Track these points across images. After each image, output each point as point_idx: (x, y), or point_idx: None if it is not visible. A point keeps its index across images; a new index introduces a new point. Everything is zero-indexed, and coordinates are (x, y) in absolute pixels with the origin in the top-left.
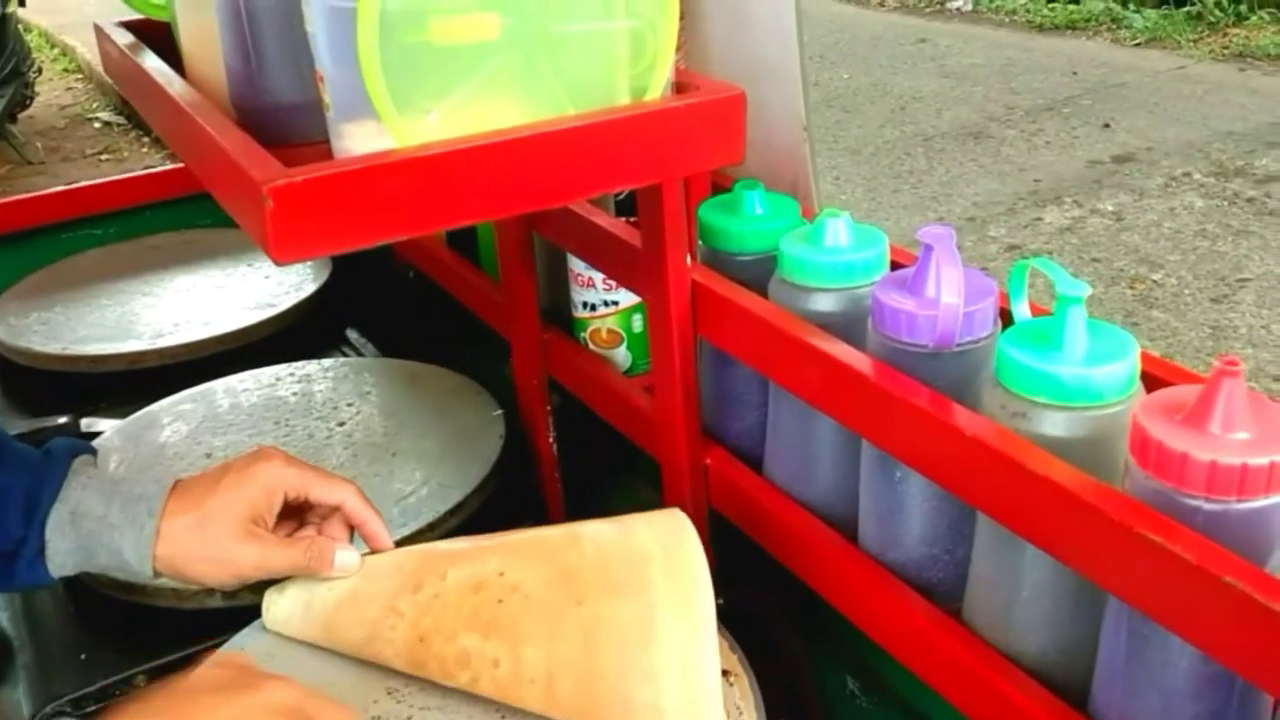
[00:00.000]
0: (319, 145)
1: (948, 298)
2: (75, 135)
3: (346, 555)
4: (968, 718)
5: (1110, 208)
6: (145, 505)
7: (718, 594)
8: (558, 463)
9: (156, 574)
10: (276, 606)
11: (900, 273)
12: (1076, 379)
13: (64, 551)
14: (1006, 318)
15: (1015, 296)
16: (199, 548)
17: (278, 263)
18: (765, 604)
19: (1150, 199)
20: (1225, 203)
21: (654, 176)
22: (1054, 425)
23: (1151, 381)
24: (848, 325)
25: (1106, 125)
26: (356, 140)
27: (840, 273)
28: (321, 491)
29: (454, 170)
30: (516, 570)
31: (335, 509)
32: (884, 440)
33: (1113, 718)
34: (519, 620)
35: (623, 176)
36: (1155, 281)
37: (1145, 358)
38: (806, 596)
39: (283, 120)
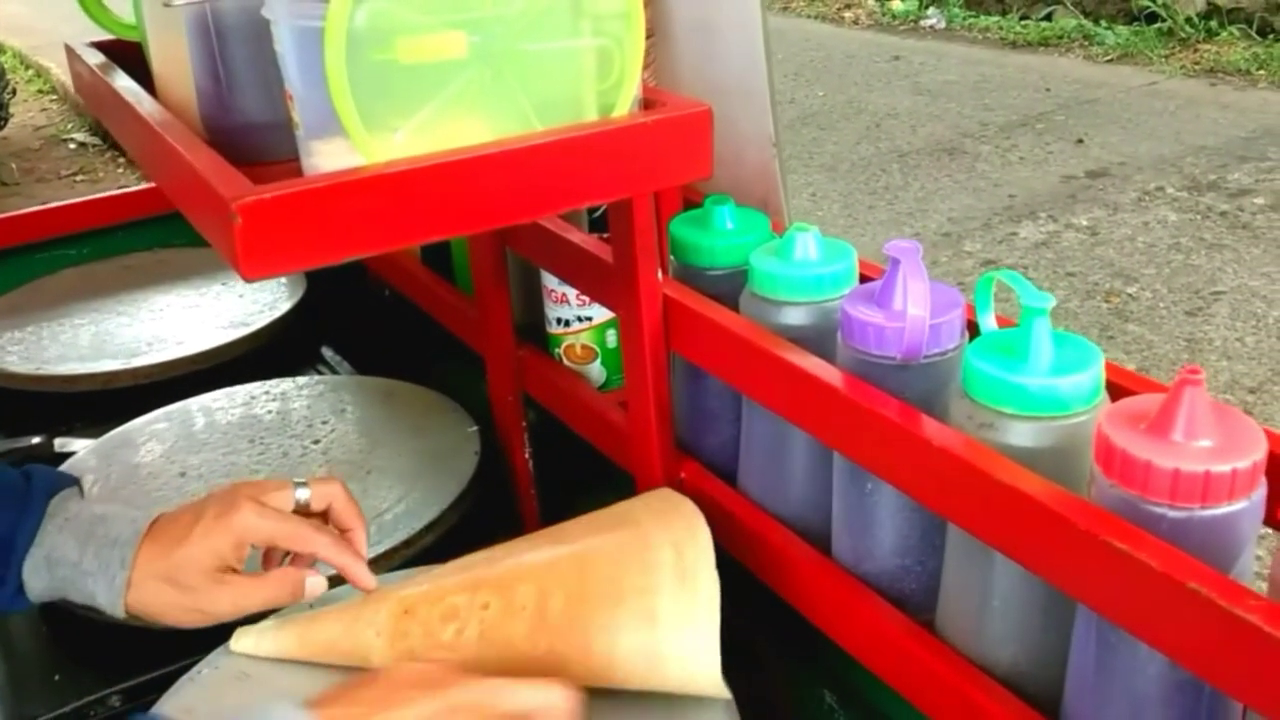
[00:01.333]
0: (289, 164)
1: (914, 310)
2: (50, 156)
3: (315, 580)
4: None
5: (1085, 222)
6: (118, 554)
7: None
8: (534, 479)
9: (131, 616)
10: (247, 634)
11: (868, 286)
12: (1042, 389)
13: (39, 590)
14: (975, 330)
15: (982, 309)
16: (170, 598)
17: (247, 279)
18: (741, 618)
19: (1124, 213)
20: (1198, 216)
21: (622, 192)
22: (1020, 435)
23: (1116, 391)
24: (818, 338)
25: (1080, 141)
26: (326, 158)
27: (810, 286)
28: (292, 544)
29: (422, 186)
30: (506, 554)
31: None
32: (854, 452)
33: None
34: (511, 572)
35: (591, 192)
36: (1130, 295)
37: (1110, 368)
38: (782, 610)
39: (253, 139)
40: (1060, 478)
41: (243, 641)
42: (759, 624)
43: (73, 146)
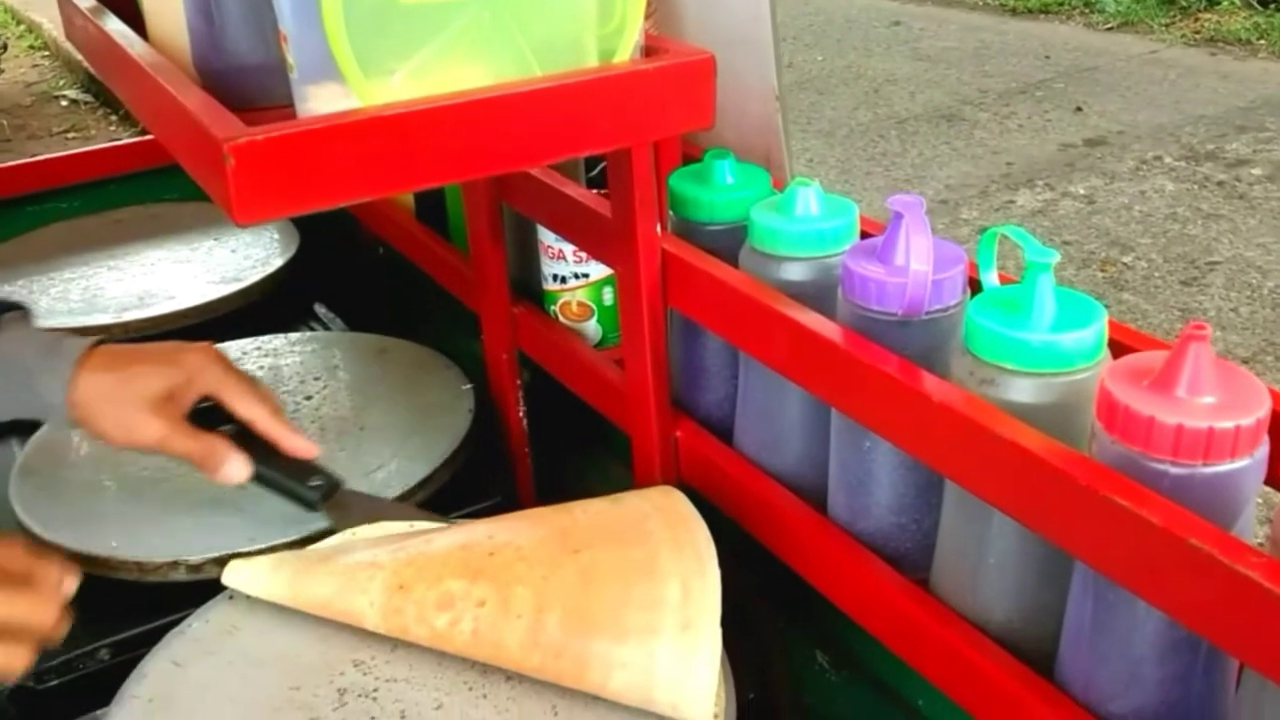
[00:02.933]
0: (283, 109)
1: (917, 265)
2: (41, 113)
3: (237, 467)
4: (935, 687)
5: (1082, 191)
6: (70, 351)
7: None
8: (528, 437)
9: (70, 422)
10: (240, 568)
11: (870, 241)
12: (1044, 345)
13: None
14: (976, 289)
15: (984, 266)
16: (111, 406)
17: (240, 224)
18: (735, 578)
19: (1121, 182)
20: (1196, 186)
21: (623, 140)
22: (1022, 391)
23: (1119, 349)
24: (818, 294)
25: (1079, 109)
26: (321, 103)
27: (810, 241)
28: (235, 401)
29: (418, 130)
30: (507, 533)
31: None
32: (852, 408)
33: (1079, 684)
34: (511, 566)
35: (590, 140)
36: (1126, 264)
37: (1113, 325)
38: (776, 571)
39: (246, 82)
40: (1061, 435)
41: (235, 574)
42: (751, 585)
43: (64, 103)
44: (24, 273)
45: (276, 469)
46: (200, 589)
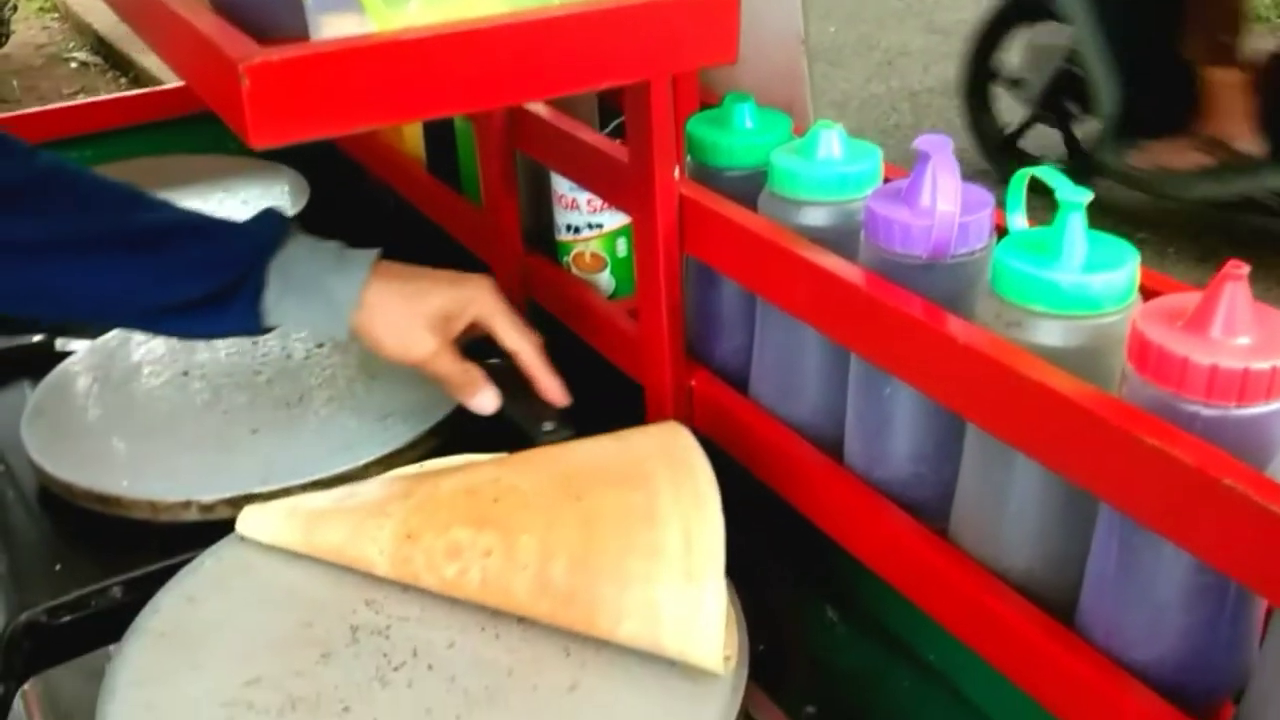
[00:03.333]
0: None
1: (944, 206)
2: (52, 74)
3: (489, 398)
4: (947, 641)
5: None
6: (359, 262)
7: None
8: None
9: (351, 331)
10: (253, 515)
11: (895, 183)
12: (1075, 286)
13: (279, 292)
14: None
15: (1013, 207)
16: (394, 316)
17: (255, 146)
18: (745, 532)
19: None
20: None
21: (643, 72)
22: (1050, 334)
23: (1150, 296)
24: (839, 241)
25: None
26: (335, 31)
27: (833, 185)
28: (505, 332)
29: (435, 56)
30: (512, 476)
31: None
32: (874, 353)
33: (1100, 631)
34: (515, 514)
35: (609, 71)
36: (1141, 239)
37: (1144, 272)
38: (786, 525)
39: (260, 13)
40: (1089, 381)
41: (249, 521)
42: (762, 539)
43: (74, 65)
44: None
45: (517, 409)
46: (212, 529)
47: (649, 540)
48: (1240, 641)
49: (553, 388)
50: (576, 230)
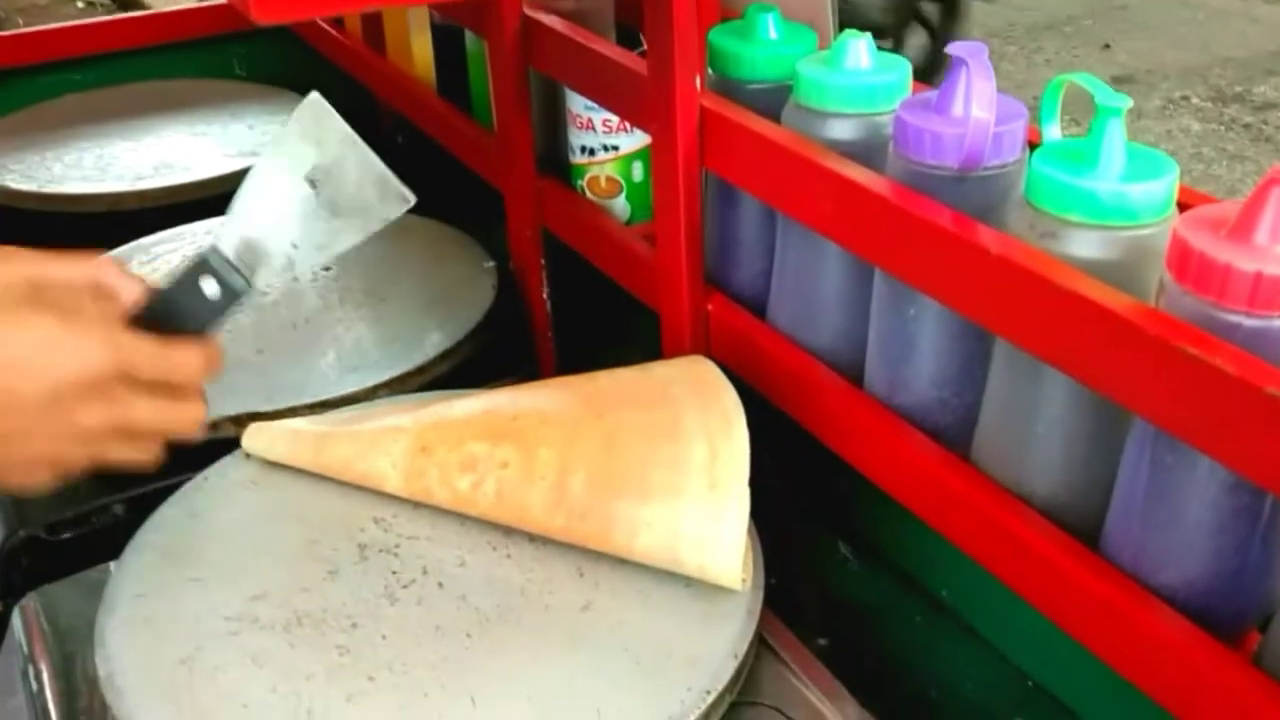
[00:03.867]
0: None
1: (979, 113)
2: (59, 14)
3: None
4: (966, 574)
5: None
6: None
7: None
8: (551, 320)
9: None
10: (259, 432)
11: (926, 93)
12: (1112, 196)
13: None
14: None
15: (1047, 117)
16: None
17: (259, 21)
18: (757, 464)
19: (1147, 120)
20: (1222, 127)
21: None
22: (1086, 245)
23: (1186, 210)
24: (867, 155)
25: (1106, 46)
26: None
27: (861, 96)
28: (60, 268)
29: None
30: (531, 399)
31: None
32: (902, 268)
33: (1127, 554)
34: (535, 429)
35: None
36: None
37: (1183, 189)
38: (798, 458)
39: None
40: (1125, 292)
41: (255, 440)
42: (774, 472)
43: (81, 5)
44: (36, 141)
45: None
46: (216, 448)
47: (672, 453)
48: (1270, 566)
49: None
50: (591, 152)
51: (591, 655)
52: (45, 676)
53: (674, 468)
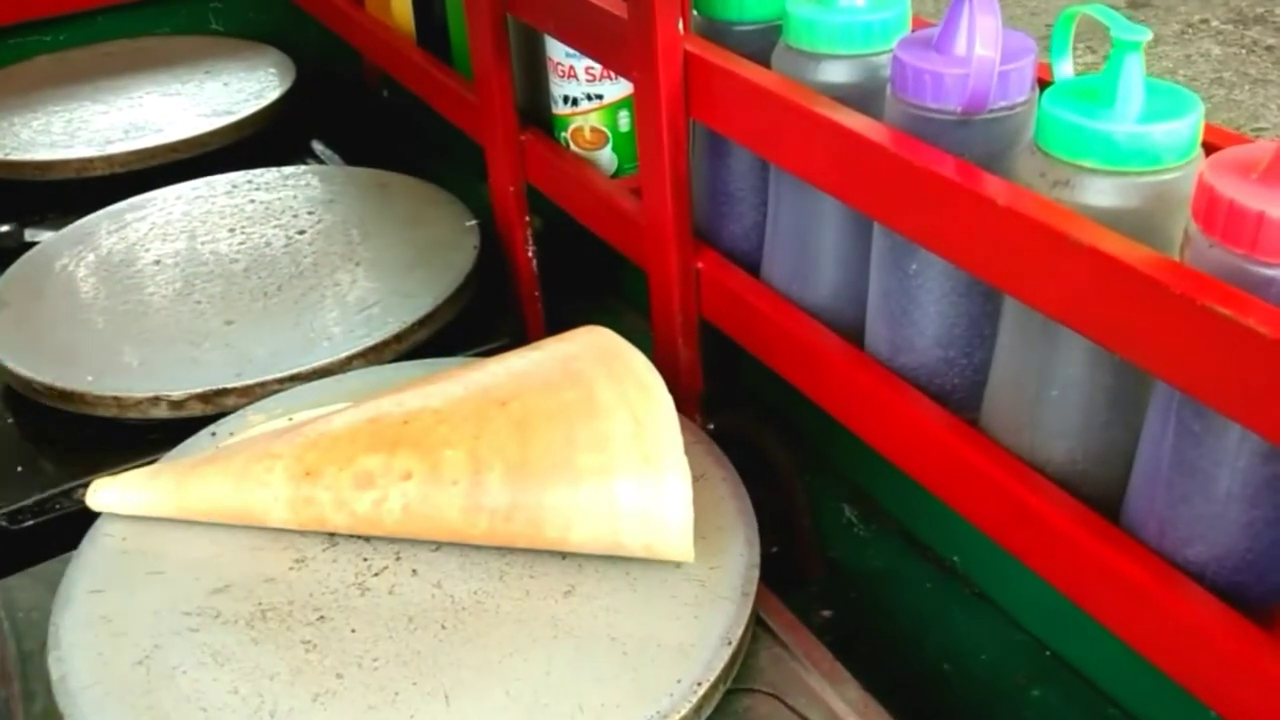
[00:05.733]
0: None
1: (982, 50)
2: None
3: None
4: (978, 540)
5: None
6: None
7: (706, 418)
8: (538, 280)
9: None
10: (108, 487)
11: (925, 31)
12: (1131, 139)
13: None
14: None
15: (1058, 54)
16: None
17: None
18: (756, 426)
19: (1166, 45)
20: (1243, 51)
21: None
22: (1102, 193)
23: (1213, 153)
24: (863, 99)
25: None
26: None
27: (855, 36)
28: None
29: None
30: (418, 399)
31: None
32: (902, 222)
33: (1151, 528)
34: (433, 430)
35: None
36: None
37: (1208, 127)
38: (799, 423)
39: None
40: (1146, 245)
41: (102, 494)
42: (773, 435)
43: None
44: (6, 105)
45: None
46: (182, 426)
47: (594, 431)
48: None
49: None
50: (574, 102)
51: (575, 645)
52: (2, 677)
53: (598, 447)
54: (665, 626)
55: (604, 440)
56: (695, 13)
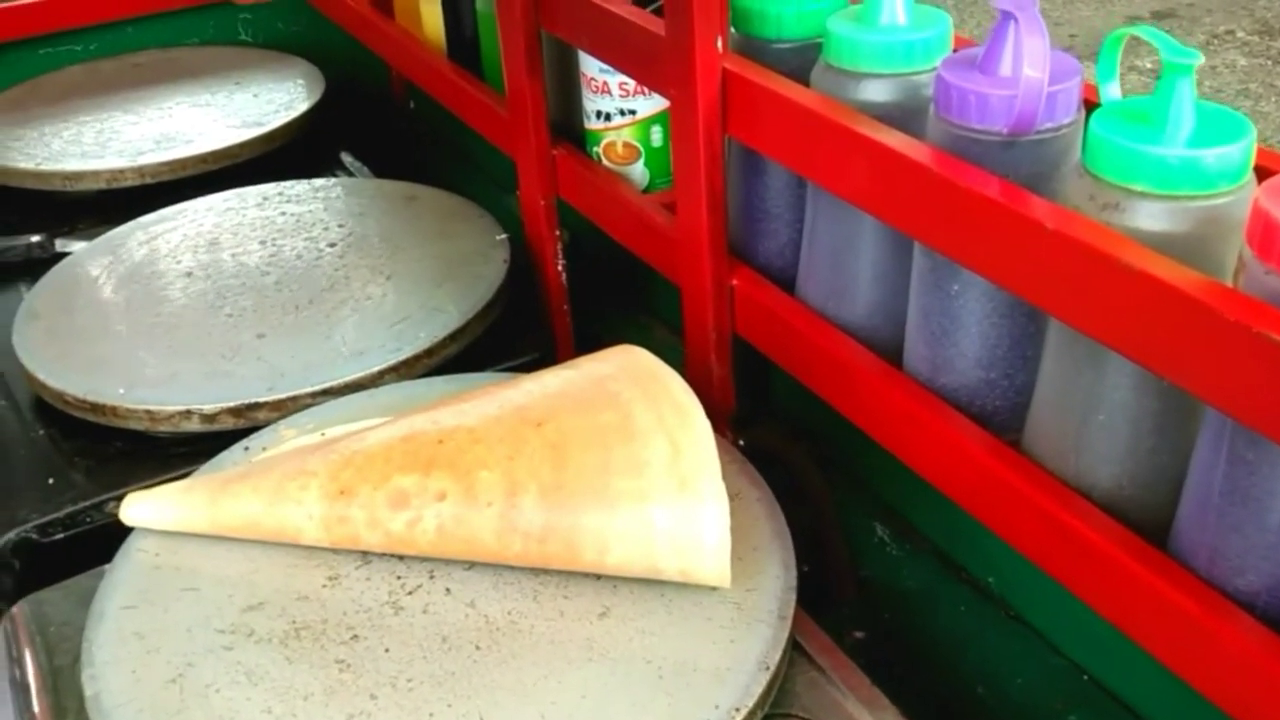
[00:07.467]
0: None
1: (1030, 72)
2: None
3: None
4: (1014, 559)
5: (1149, 65)
6: None
7: (738, 434)
8: (567, 293)
9: None
10: (141, 501)
11: (969, 51)
12: (1183, 162)
13: None
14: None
15: (1106, 75)
16: None
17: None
18: (787, 443)
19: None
20: (1269, 62)
21: None
22: (1153, 217)
23: (1265, 177)
24: (904, 119)
25: None
26: None
27: (897, 55)
28: None
29: None
30: (453, 417)
31: None
32: (945, 243)
33: (1201, 557)
34: (467, 450)
35: None
36: None
37: (1261, 151)
38: (829, 439)
39: None
40: (1198, 271)
41: (136, 509)
42: (804, 453)
43: None
44: (36, 115)
45: None
46: (214, 440)
47: (630, 455)
48: None
49: None
50: (607, 117)
51: (610, 668)
52: (34, 692)
53: (634, 471)
54: (701, 650)
55: (640, 465)
56: (733, 30)
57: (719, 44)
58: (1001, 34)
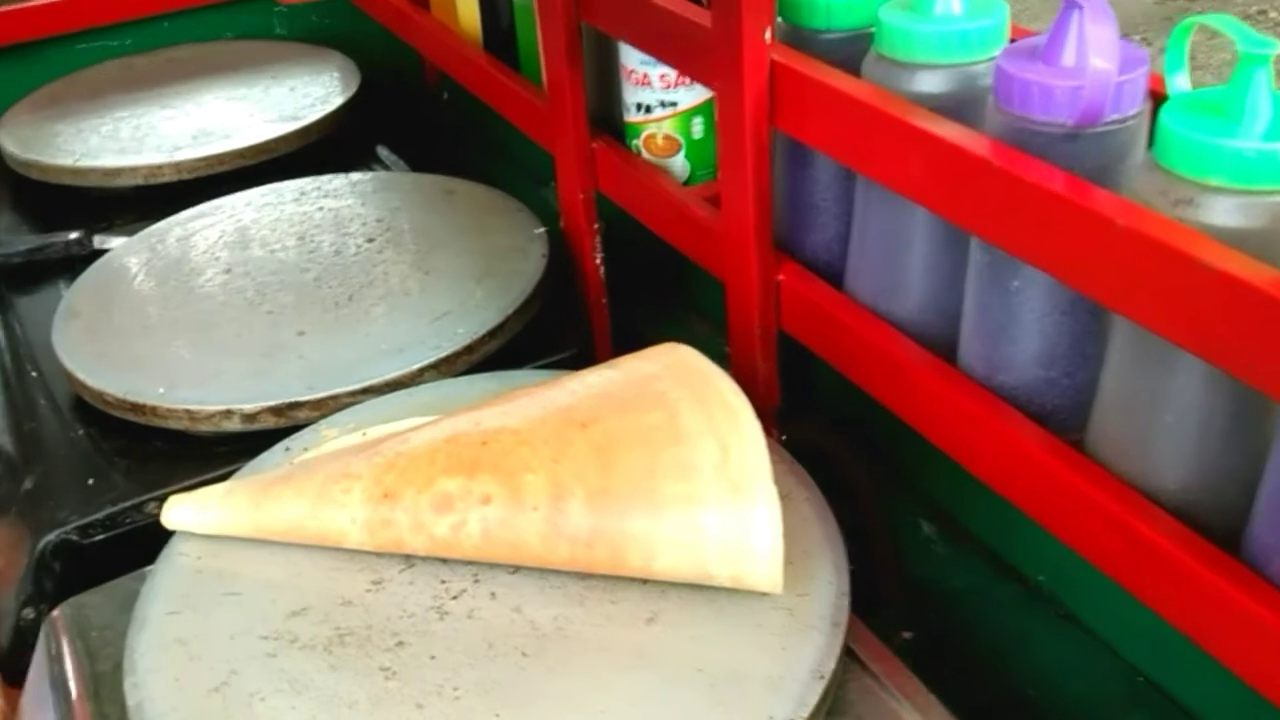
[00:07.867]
0: None
1: (1098, 62)
2: None
3: None
4: (1066, 558)
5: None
6: None
7: (781, 430)
8: (606, 287)
9: None
10: (183, 504)
11: (1029, 40)
12: (1262, 155)
13: None
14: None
15: (1174, 66)
16: None
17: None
18: (830, 438)
19: (1224, 38)
20: None
21: None
22: (1228, 213)
23: None
24: (959, 111)
25: None
26: None
27: (953, 45)
28: None
29: None
30: (496, 418)
31: None
32: (1007, 238)
33: (1277, 564)
34: (512, 453)
35: None
36: None
37: None
38: (873, 435)
39: None
40: (1276, 268)
41: (177, 514)
42: (848, 451)
43: None
44: (73, 110)
45: None
46: (255, 440)
47: (679, 458)
48: None
49: None
50: (648, 110)
51: (660, 677)
52: (74, 698)
53: (684, 474)
54: (753, 657)
55: (689, 468)
56: (780, 19)
57: (766, 35)
58: (1065, 22)
